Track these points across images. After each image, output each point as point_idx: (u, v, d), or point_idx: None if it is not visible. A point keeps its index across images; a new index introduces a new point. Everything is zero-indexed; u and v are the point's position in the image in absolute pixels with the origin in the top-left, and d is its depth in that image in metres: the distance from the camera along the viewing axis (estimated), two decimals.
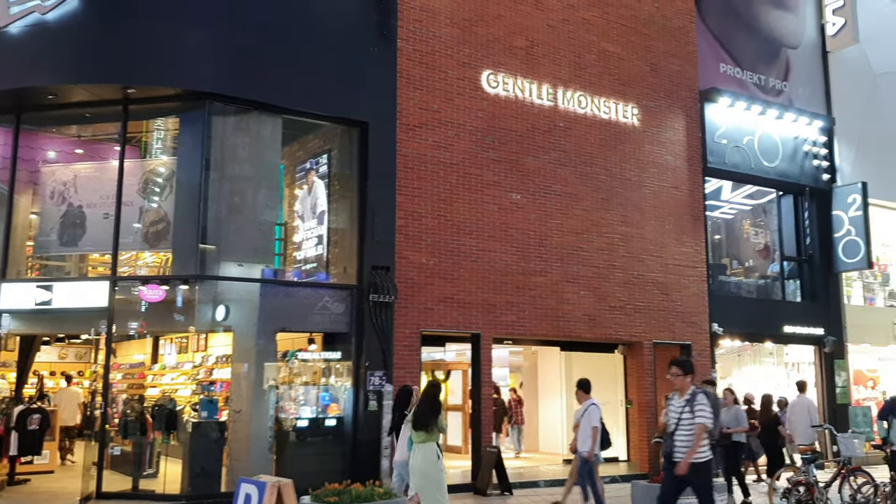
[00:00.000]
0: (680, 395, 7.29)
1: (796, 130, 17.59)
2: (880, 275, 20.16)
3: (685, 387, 7.25)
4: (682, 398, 7.23)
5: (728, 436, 11.59)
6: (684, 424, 7.12)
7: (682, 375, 7.28)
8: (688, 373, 7.31)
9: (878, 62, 19.28)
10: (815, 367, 17.41)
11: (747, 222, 18.37)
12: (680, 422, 7.16)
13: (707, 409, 7.10)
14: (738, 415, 11.82)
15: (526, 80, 14.13)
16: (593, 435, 9.64)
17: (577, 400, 10.36)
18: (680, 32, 16.24)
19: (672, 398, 7.40)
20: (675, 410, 7.24)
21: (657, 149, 15.55)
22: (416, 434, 8.27)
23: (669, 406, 7.39)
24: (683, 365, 7.36)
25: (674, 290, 15.31)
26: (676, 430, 7.17)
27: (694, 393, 7.19)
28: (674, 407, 7.29)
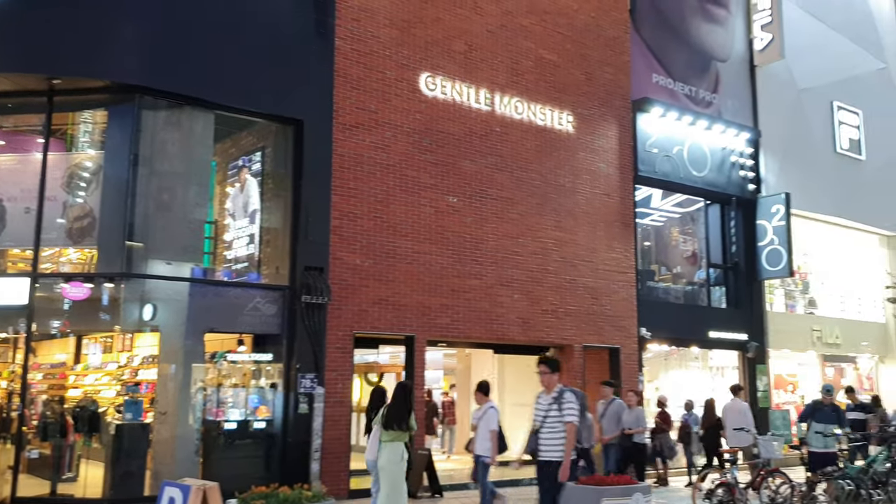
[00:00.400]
0: (547, 393, 7.27)
1: (724, 141, 18.12)
2: (801, 283, 20.95)
3: (552, 384, 7.25)
4: (550, 396, 7.23)
5: (629, 436, 11.88)
6: (550, 422, 7.12)
7: (549, 373, 7.27)
8: (555, 371, 7.33)
9: (802, 78, 20.03)
10: (739, 372, 17.96)
11: (676, 230, 18.85)
12: (546, 420, 7.14)
13: (575, 407, 7.10)
14: (639, 416, 12.13)
15: (464, 83, 14.20)
16: (492, 438, 9.55)
17: (475, 402, 10.29)
18: (615, 42, 16.56)
19: (540, 396, 7.37)
20: (542, 408, 7.23)
21: (590, 156, 15.81)
22: (385, 433, 8.42)
23: (537, 404, 7.34)
24: (550, 363, 7.38)
25: (604, 295, 15.59)
26: (542, 428, 7.16)
27: (561, 391, 7.18)
28: (541, 405, 7.27)
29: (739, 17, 19.17)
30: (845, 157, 20.70)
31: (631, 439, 12.16)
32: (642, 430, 12.29)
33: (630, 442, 12.15)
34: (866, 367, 21.70)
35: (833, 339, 20.13)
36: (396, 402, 8.68)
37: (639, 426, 12.16)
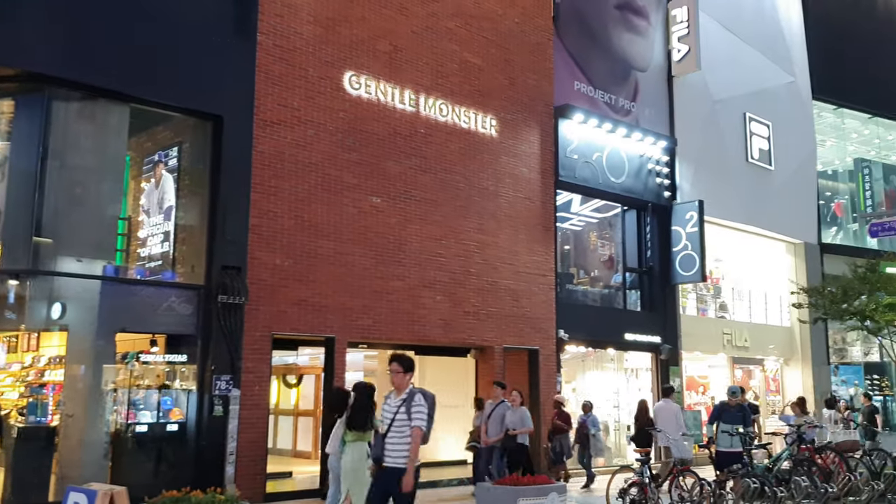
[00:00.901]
0: (397, 395, 6.72)
1: (642, 149, 18.61)
2: (712, 288, 21.70)
3: (404, 385, 6.69)
4: (399, 398, 6.68)
5: (513, 437, 11.79)
6: (398, 426, 6.58)
7: (401, 373, 6.70)
8: (408, 370, 6.75)
9: (716, 89, 20.75)
10: (652, 373, 18.46)
11: (594, 234, 19.26)
12: (394, 423, 6.59)
13: (424, 410, 6.57)
14: (523, 416, 11.97)
15: (389, 84, 14.16)
16: None
17: None
18: (538, 49, 16.81)
19: (389, 397, 6.81)
20: (390, 410, 6.67)
21: (513, 160, 16.00)
22: (350, 433, 8.48)
23: (385, 405, 6.78)
24: (403, 361, 6.77)
25: (524, 297, 15.79)
26: (389, 431, 6.61)
27: (411, 393, 6.64)
28: (389, 406, 6.71)
29: (658, 29, 19.73)
30: (756, 166, 21.53)
31: (515, 440, 11.92)
32: (527, 430, 12.01)
33: (514, 443, 11.92)
34: (772, 369, 22.63)
35: (742, 343, 20.92)
36: (359, 402, 8.73)
37: (523, 426, 11.94)
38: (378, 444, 6.65)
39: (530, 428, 12.06)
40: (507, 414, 12.00)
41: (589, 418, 13.88)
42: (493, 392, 12.68)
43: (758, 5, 22.79)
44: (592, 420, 13.84)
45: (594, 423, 13.82)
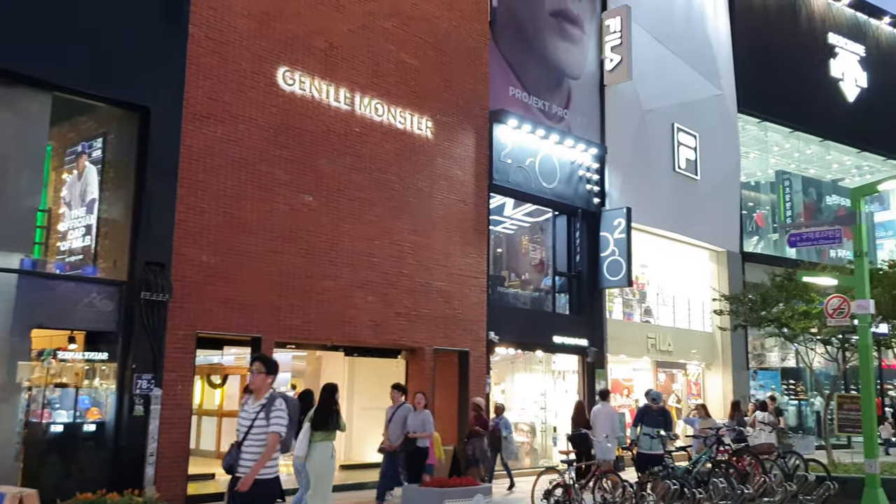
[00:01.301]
0: (256, 399, 6.13)
1: (573, 156, 18.91)
2: (638, 293, 22.20)
3: (264, 388, 6.11)
4: (258, 403, 6.09)
5: (413, 441, 11.53)
6: (256, 434, 5.99)
7: (263, 374, 6.13)
8: (271, 372, 6.19)
9: (646, 99, 21.24)
10: (579, 376, 18.76)
11: (526, 238, 19.47)
12: (252, 430, 6.00)
13: (284, 416, 6.04)
14: (425, 420, 11.69)
15: (324, 81, 14.02)
16: None
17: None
18: (474, 53, 16.90)
19: (247, 401, 6.25)
20: (248, 416, 6.08)
21: (448, 162, 16.04)
22: (316, 433, 8.91)
23: (242, 411, 6.19)
24: (267, 362, 6.24)
25: (456, 299, 15.84)
26: (246, 439, 6.00)
27: (272, 398, 6.08)
28: (247, 412, 6.11)
29: (592, 38, 20.08)
30: (682, 176, 22.11)
31: (415, 443, 11.61)
32: (427, 434, 11.66)
33: (414, 446, 11.61)
34: (694, 374, 23.28)
35: (666, 347, 21.45)
36: (324, 403, 9.21)
37: (424, 430, 11.60)
38: (232, 452, 6.08)
39: (432, 432, 11.75)
40: (409, 417, 11.69)
41: (501, 421, 13.72)
42: (391, 395, 12.25)
43: (688, 19, 23.44)
44: (505, 423, 13.68)
45: (506, 425, 13.65)
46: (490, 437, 13.21)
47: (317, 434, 8.99)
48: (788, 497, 11.50)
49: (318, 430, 9.02)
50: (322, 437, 9.00)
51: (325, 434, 9.00)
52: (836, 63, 28.98)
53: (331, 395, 9.40)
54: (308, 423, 9.25)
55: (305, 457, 9.23)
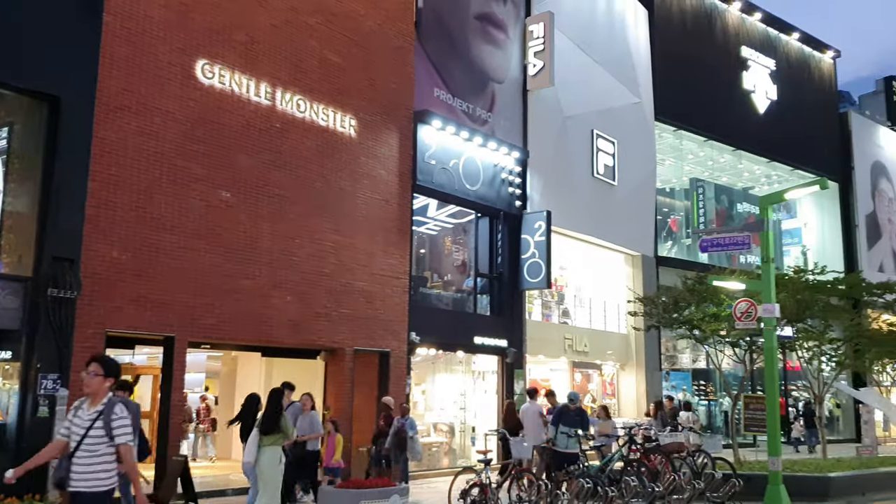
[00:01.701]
0: (91, 404, 5.37)
1: (496, 159, 19.09)
2: (556, 294, 22.57)
3: (101, 393, 5.37)
4: (93, 409, 5.33)
5: (302, 444, 11.17)
6: (91, 443, 5.24)
7: (101, 376, 5.38)
8: (109, 375, 5.44)
9: (568, 105, 21.61)
10: (498, 376, 18.94)
11: (448, 239, 19.56)
12: (86, 438, 5.24)
13: (127, 423, 5.35)
14: (313, 421, 11.37)
15: (244, 75, 13.76)
16: None
17: None
18: (399, 53, 16.87)
19: (80, 407, 5.43)
20: (82, 424, 5.30)
21: (371, 161, 15.96)
22: (264, 437, 9.07)
23: (74, 417, 5.39)
24: (106, 363, 5.49)
25: (378, 299, 15.77)
26: (78, 450, 5.24)
27: (110, 403, 5.34)
28: (80, 419, 5.33)
29: (516, 43, 20.31)
30: (601, 181, 22.59)
31: (304, 447, 11.20)
32: (316, 436, 11.34)
33: (303, 450, 11.18)
34: (609, 374, 23.82)
35: (582, 348, 21.88)
36: (271, 407, 9.36)
37: (312, 432, 11.24)
38: (63, 465, 5.39)
39: (320, 433, 11.46)
40: (298, 420, 11.23)
41: (406, 421, 13.50)
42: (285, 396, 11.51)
43: (609, 28, 23.97)
44: (410, 423, 13.43)
45: (412, 426, 13.42)
46: (395, 438, 12.97)
47: (265, 439, 9.12)
48: (696, 494, 11.87)
49: (266, 435, 9.16)
50: (270, 441, 9.14)
51: (273, 438, 9.14)
52: (748, 75, 30.14)
53: (278, 399, 9.54)
54: (256, 429, 9.44)
55: (255, 461, 9.35)
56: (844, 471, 14.66)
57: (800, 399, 29.78)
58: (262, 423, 9.32)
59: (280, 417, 9.42)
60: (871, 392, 20.30)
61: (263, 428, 9.27)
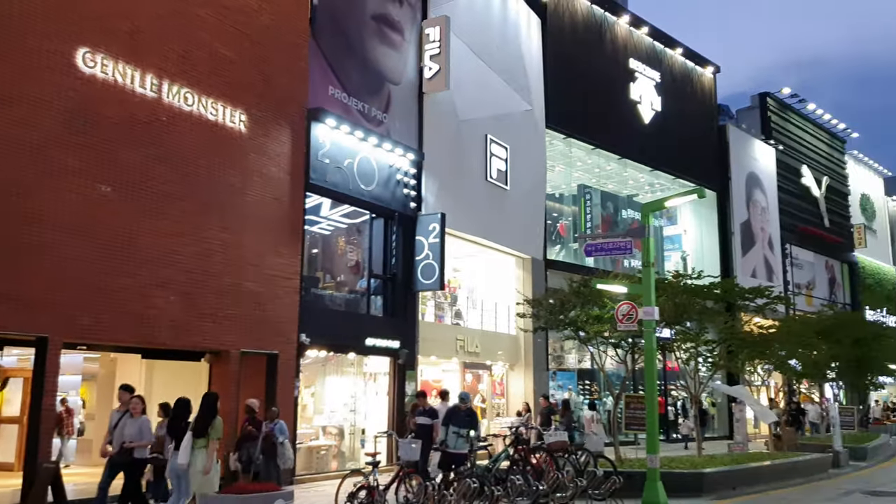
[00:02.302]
0: None
1: (392, 160, 19.07)
2: (449, 296, 22.78)
3: None
4: None
5: (129, 451, 10.48)
6: None
7: None
8: None
9: (463, 109, 21.85)
10: (389, 377, 18.91)
11: (342, 239, 19.38)
12: None
13: None
14: (143, 427, 10.65)
15: (128, 65, 13.20)
16: None
17: None
18: (293, 49, 16.59)
19: None
20: None
21: (263, 159, 15.62)
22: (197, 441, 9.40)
23: None
24: None
25: (267, 300, 15.44)
26: None
27: None
28: None
29: (412, 45, 20.36)
30: (494, 185, 22.95)
31: (131, 454, 10.50)
32: (145, 443, 10.65)
33: (129, 457, 10.48)
34: (499, 374, 24.21)
35: (474, 349, 22.15)
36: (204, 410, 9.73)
37: (141, 439, 10.56)
38: None
39: (150, 440, 10.82)
40: (127, 425, 10.55)
41: (276, 426, 13.11)
42: (119, 396, 11.19)
43: (503, 36, 24.39)
44: (280, 428, 13.04)
45: (281, 430, 13.06)
46: (264, 443, 12.59)
47: (198, 441, 9.46)
48: (579, 492, 12.22)
49: (199, 438, 9.50)
50: (203, 443, 9.47)
51: (205, 441, 9.48)
52: (635, 87, 31.33)
53: (212, 403, 9.88)
54: (190, 432, 9.72)
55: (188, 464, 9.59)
56: (717, 466, 15.46)
57: (678, 399, 31.21)
58: (195, 426, 9.60)
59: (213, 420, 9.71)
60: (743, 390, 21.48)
61: (197, 430, 9.56)
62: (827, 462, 19.64)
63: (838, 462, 20.29)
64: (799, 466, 17.84)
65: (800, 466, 17.88)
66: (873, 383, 32.74)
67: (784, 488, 15.85)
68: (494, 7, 24.09)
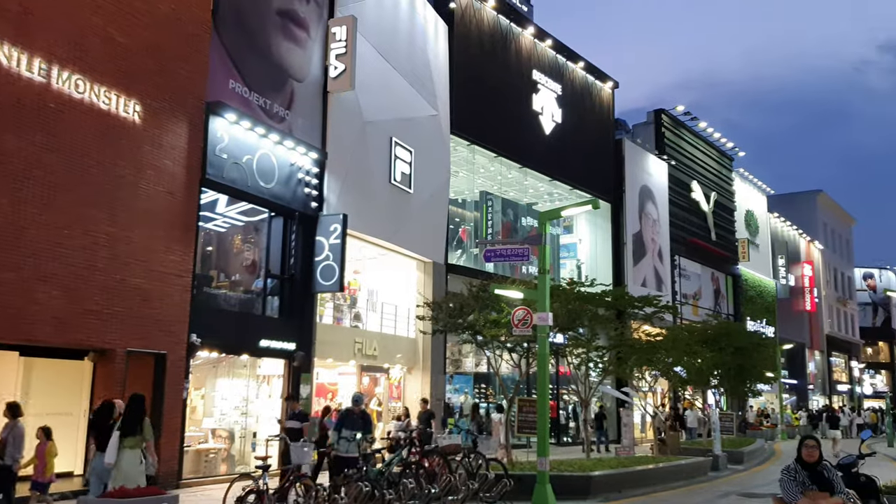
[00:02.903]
0: None
1: (293, 158, 18.79)
2: (349, 298, 22.61)
3: None
4: None
5: None
6: None
7: None
8: None
9: (368, 111, 21.76)
10: (284, 380, 18.60)
11: (239, 238, 18.95)
12: None
13: None
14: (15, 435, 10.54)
15: (15, 48, 12.53)
16: None
17: None
18: (194, 40, 16.12)
19: None
20: None
21: (157, 151, 15.10)
22: (125, 440, 9.59)
23: None
24: None
25: (156, 298, 14.92)
26: None
27: None
28: None
29: (318, 43, 20.13)
30: (397, 188, 22.95)
31: None
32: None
33: None
34: (396, 377, 24.21)
35: (372, 352, 22.07)
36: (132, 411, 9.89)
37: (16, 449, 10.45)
38: None
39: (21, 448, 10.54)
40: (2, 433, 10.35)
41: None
42: None
43: (410, 40, 24.46)
44: None
45: None
46: None
47: (126, 441, 9.61)
48: (470, 494, 12.37)
49: (126, 437, 9.63)
50: (131, 443, 9.63)
51: (133, 441, 9.64)
52: (537, 98, 32.00)
53: (139, 403, 10.02)
54: (117, 431, 9.79)
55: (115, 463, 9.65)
56: (605, 469, 15.96)
57: (570, 403, 32.02)
58: (123, 426, 9.73)
59: (142, 421, 9.86)
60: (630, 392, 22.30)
61: (124, 430, 9.68)
62: (707, 465, 20.61)
63: (717, 465, 21.32)
64: (681, 470, 18.65)
65: (682, 470, 18.69)
66: (752, 390, 34.56)
67: (666, 490, 16.52)
68: (402, 11, 24.14)
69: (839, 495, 7.37)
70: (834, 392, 64.72)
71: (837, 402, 62.22)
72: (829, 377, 64.44)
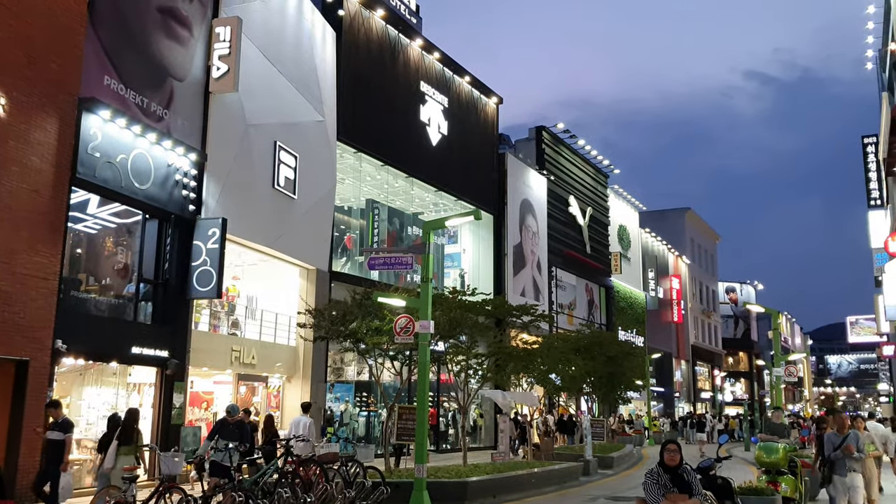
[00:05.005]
0: None
1: (171, 158, 18.19)
2: (227, 305, 22.07)
3: None
4: None
5: None
6: None
7: None
8: None
9: (251, 114, 21.38)
10: (156, 389, 17.93)
11: (110, 240, 18.15)
12: None
13: None
14: None
15: None
16: None
17: None
18: (67, 33, 15.39)
19: None
20: None
21: (22, 147, 14.29)
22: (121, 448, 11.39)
23: None
24: None
25: (18, 302, 14.09)
26: None
27: None
28: None
29: (201, 42, 19.62)
30: (281, 193, 22.62)
31: None
32: None
33: None
34: (275, 386, 23.80)
35: (250, 360, 21.61)
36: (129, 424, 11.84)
37: None
38: None
39: None
40: None
41: None
42: None
43: (297, 45, 24.22)
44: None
45: None
46: None
47: (122, 449, 11.39)
48: (348, 503, 12.35)
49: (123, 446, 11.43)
50: (126, 451, 11.39)
51: (128, 449, 11.38)
52: (424, 109, 32.36)
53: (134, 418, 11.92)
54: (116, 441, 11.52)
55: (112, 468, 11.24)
56: (480, 475, 16.28)
57: (450, 410, 32.42)
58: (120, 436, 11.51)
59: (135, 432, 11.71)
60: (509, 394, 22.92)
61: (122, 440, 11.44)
62: (578, 470, 21.37)
63: (588, 470, 22.15)
64: (554, 475, 19.26)
65: (554, 475, 19.31)
66: (622, 397, 36.07)
67: (539, 495, 17.05)
68: (290, 15, 23.88)
69: (697, 497, 7.85)
70: (698, 399, 68.49)
71: (701, 408, 65.87)
72: (694, 385, 68.16)
